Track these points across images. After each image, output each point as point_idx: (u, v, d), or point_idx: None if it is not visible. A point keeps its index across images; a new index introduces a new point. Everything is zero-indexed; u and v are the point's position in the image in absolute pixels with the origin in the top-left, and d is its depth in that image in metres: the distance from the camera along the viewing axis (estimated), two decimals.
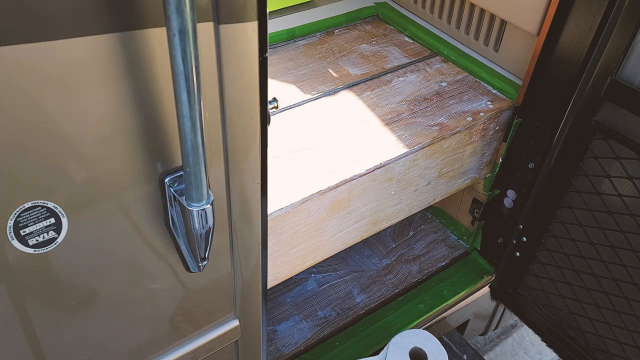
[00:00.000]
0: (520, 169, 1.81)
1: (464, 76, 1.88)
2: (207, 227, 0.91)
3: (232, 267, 1.11)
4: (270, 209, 1.35)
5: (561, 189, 1.69)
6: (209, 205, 0.88)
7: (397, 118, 1.68)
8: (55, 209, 0.79)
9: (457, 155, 1.75)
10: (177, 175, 0.89)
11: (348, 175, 1.48)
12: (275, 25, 1.96)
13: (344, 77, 1.82)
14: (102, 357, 1.05)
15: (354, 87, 1.79)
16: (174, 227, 0.94)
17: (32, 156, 0.73)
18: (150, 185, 0.88)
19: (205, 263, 0.99)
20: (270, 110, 0.99)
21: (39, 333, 0.91)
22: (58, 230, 0.81)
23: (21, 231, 0.77)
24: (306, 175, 1.46)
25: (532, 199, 1.80)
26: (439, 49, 1.98)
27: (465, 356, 2.14)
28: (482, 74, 1.86)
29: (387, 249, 2.23)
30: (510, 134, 1.79)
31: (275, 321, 1.95)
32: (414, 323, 1.98)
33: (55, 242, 0.82)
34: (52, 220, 0.80)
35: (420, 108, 1.72)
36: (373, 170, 1.53)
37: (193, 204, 0.87)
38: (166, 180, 0.88)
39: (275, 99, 1.13)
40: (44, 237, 0.80)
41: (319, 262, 1.87)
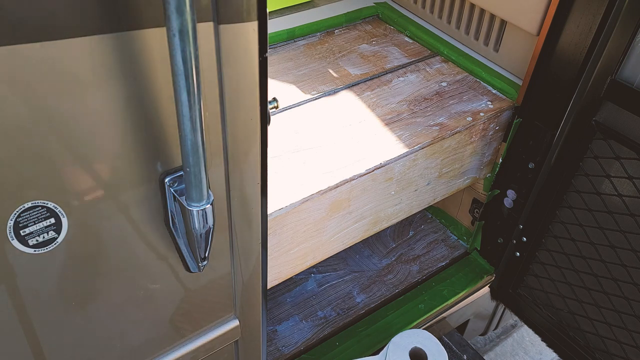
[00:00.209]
0: (520, 169, 1.81)
1: (464, 76, 1.88)
2: (207, 227, 0.91)
3: (232, 267, 1.11)
4: (270, 209, 1.35)
5: (561, 189, 1.69)
6: (209, 205, 0.88)
7: (397, 118, 1.68)
8: (55, 209, 0.79)
9: (457, 155, 1.75)
10: (177, 175, 0.89)
11: (348, 175, 1.48)
12: (275, 25, 1.96)
13: (344, 77, 1.82)
14: (102, 357, 1.05)
15: (354, 87, 1.79)
16: (174, 227, 0.94)
17: (32, 156, 0.73)
18: (150, 185, 0.88)
19: (205, 263, 0.99)
20: (270, 110, 1.00)
21: (39, 333, 0.91)
22: (58, 230, 0.81)
23: (21, 231, 0.77)
24: (306, 175, 1.46)
25: (532, 199, 1.80)
26: (439, 49, 1.98)
27: (465, 356, 2.14)
28: (482, 74, 1.86)
29: (387, 249, 2.23)
30: (510, 134, 1.79)
31: (275, 321, 1.95)
32: (414, 323, 1.98)
33: (55, 242, 0.82)
34: (52, 220, 0.80)
35: (420, 108, 1.72)
36: (373, 170, 1.53)
37: (193, 204, 0.87)
38: (166, 180, 0.88)
39: (275, 99, 1.13)
40: (44, 237, 0.80)
41: (319, 262, 1.87)
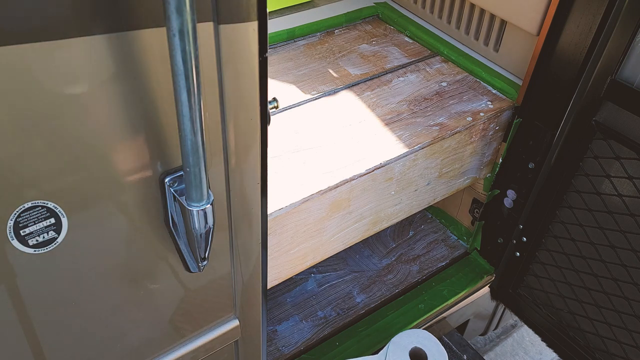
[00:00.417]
0: (520, 169, 1.81)
1: (464, 76, 1.88)
2: (207, 227, 0.91)
3: (232, 267, 1.11)
4: (270, 209, 1.35)
5: (561, 189, 1.69)
6: (209, 205, 0.88)
7: (397, 118, 1.68)
8: (55, 209, 0.79)
9: (457, 155, 1.75)
10: (177, 175, 0.89)
11: (348, 175, 1.48)
12: (275, 25, 1.96)
13: (344, 77, 1.82)
14: (102, 357, 1.05)
15: (354, 87, 1.79)
16: (174, 227, 0.94)
17: (32, 156, 0.73)
18: (150, 185, 0.88)
19: (205, 263, 0.99)
20: (270, 110, 1.00)
21: (39, 333, 0.91)
22: (58, 230, 0.81)
23: (21, 231, 0.77)
24: (306, 175, 1.46)
25: (532, 199, 1.80)
26: (439, 49, 1.98)
27: (465, 356, 2.14)
28: (482, 74, 1.86)
29: (387, 249, 2.23)
30: (510, 134, 1.79)
31: (275, 321, 1.95)
32: (414, 323, 1.98)
33: (55, 242, 0.82)
34: (52, 220, 0.80)
35: (420, 108, 1.72)
36: (373, 170, 1.53)
37: (193, 204, 0.87)
38: (166, 180, 0.88)
39: (275, 99, 1.13)
40: (44, 237, 0.80)
41: (319, 262, 1.87)
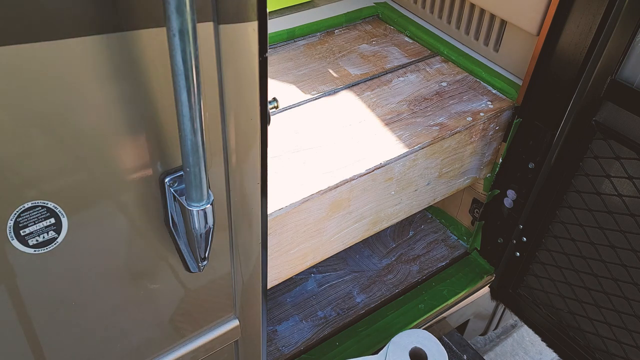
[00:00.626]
0: (520, 169, 1.81)
1: (464, 76, 1.88)
2: (207, 227, 0.91)
3: (232, 267, 1.11)
4: (270, 209, 1.35)
5: (561, 189, 1.69)
6: (209, 205, 0.88)
7: (397, 118, 1.68)
8: (55, 209, 0.79)
9: (457, 155, 1.75)
10: (177, 175, 0.89)
11: (348, 175, 1.48)
12: (275, 25, 1.96)
13: (344, 77, 1.82)
14: (102, 357, 1.05)
15: (354, 87, 1.79)
16: (174, 227, 0.94)
17: (32, 156, 0.73)
18: (150, 185, 0.88)
19: (205, 263, 0.99)
20: (270, 110, 1.00)
21: (39, 333, 0.91)
22: (58, 230, 0.81)
23: (21, 231, 0.77)
24: (306, 175, 1.46)
25: (532, 199, 1.80)
26: (439, 49, 1.98)
27: (465, 356, 2.14)
28: (482, 74, 1.86)
29: (387, 249, 2.23)
30: (510, 134, 1.79)
31: (275, 321, 1.95)
32: (414, 323, 1.98)
33: (55, 242, 0.82)
34: (52, 220, 0.80)
35: (420, 108, 1.72)
36: (373, 170, 1.53)
37: (193, 204, 0.87)
38: (166, 180, 0.88)
39: (275, 99, 1.13)
40: (44, 237, 0.80)
41: (319, 262, 1.87)
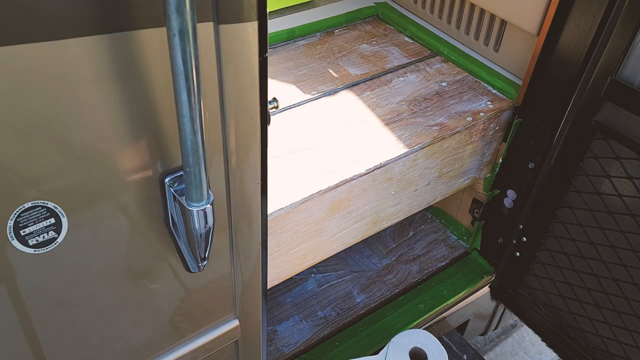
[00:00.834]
0: (520, 169, 1.81)
1: (464, 76, 1.88)
2: (207, 227, 0.91)
3: (232, 267, 1.11)
4: (270, 209, 1.35)
5: (561, 189, 1.69)
6: (209, 205, 0.88)
7: (397, 118, 1.68)
8: (55, 209, 0.79)
9: (457, 155, 1.75)
10: (177, 175, 0.89)
11: (348, 175, 1.48)
12: (275, 25, 1.96)
13: (344, 77, 1.82)
14: (102, 357, 1.05)
15: (354, 87, 1.79)
16: (174, 227, 0.94)
17: (32, 156, 0.73)
18: (151, 185, 0.88)
19: (205, 263, 0.99)
20: (270, 110, 0.99)
21: (39, 333, 0.91)
22: (58, 230, 0.81)
23: (21, 231, 0.77)
24: (306, 175, 1.46)
25: (532, 199, 1.80)
26: (439, 49, 1.98)
27: (465, 356, 2.14)
28: (482, 74, 1.86)
29: (387, 249, 2.23)
30: (510, 134, 1.79)
31: (275, 321, 1.95)
32: (414, 323, 1.98)
33: (55, 242, 0.82)
34: (52, 220, 0.80)
35: (420, 108, 1.72)
36: (373, 170, 1.53)
37: (193, 204, 0.87)
38: (166, 180, 0.88)
39: (275, 99, 1.13)
40: (44, 237, 0.80)
41: (319, 262, 1.87)
